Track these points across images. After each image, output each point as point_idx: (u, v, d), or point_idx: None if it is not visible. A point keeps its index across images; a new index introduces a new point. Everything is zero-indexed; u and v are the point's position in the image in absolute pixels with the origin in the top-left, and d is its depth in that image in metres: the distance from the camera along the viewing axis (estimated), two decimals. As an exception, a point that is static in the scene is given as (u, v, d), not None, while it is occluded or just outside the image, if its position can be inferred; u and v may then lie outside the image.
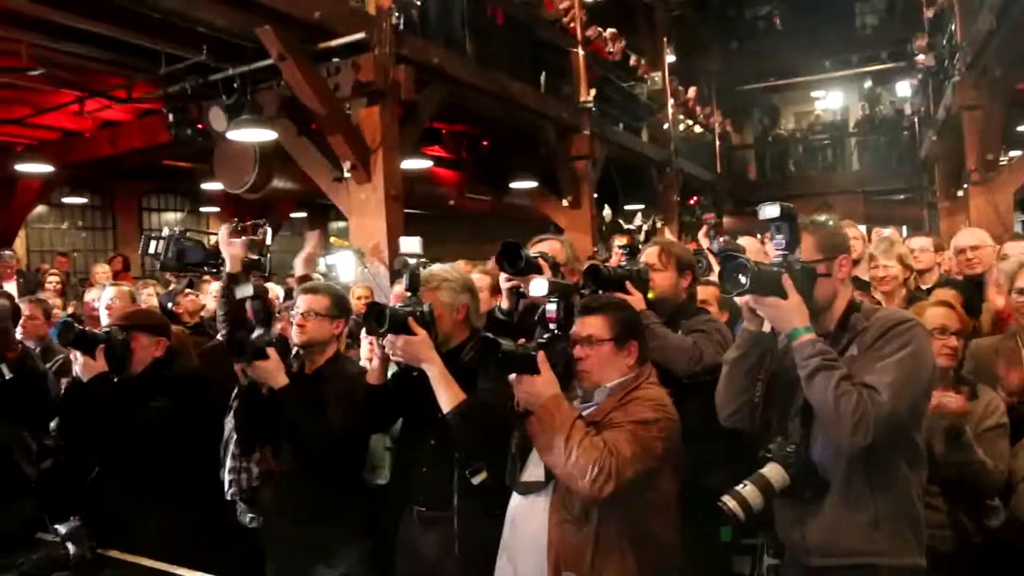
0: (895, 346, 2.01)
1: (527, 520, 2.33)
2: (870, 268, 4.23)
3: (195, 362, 3.59)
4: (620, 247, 3.47)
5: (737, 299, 2.12)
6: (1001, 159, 9.78)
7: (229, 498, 3.10)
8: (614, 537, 2.18)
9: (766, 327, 2.16)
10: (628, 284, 2.75)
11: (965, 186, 10.24)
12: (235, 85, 6.43)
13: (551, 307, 2.30)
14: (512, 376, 2.20)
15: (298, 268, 4.50)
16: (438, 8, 7.78)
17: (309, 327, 2.91)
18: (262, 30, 5.75)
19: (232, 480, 3.11)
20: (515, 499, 2.41)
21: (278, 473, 3.03)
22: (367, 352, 3.69)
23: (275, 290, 4.67)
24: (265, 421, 2.91)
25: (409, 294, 2.58)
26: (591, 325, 2.32)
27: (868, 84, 21.29)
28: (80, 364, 2.94)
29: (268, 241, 3.68)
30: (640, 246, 3.12)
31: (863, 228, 8.85)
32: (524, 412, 2.21)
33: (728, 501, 2.05)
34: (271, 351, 2.83)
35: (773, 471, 2.09)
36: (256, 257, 3.76)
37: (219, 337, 3.67)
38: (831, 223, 2.23)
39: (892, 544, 2.07)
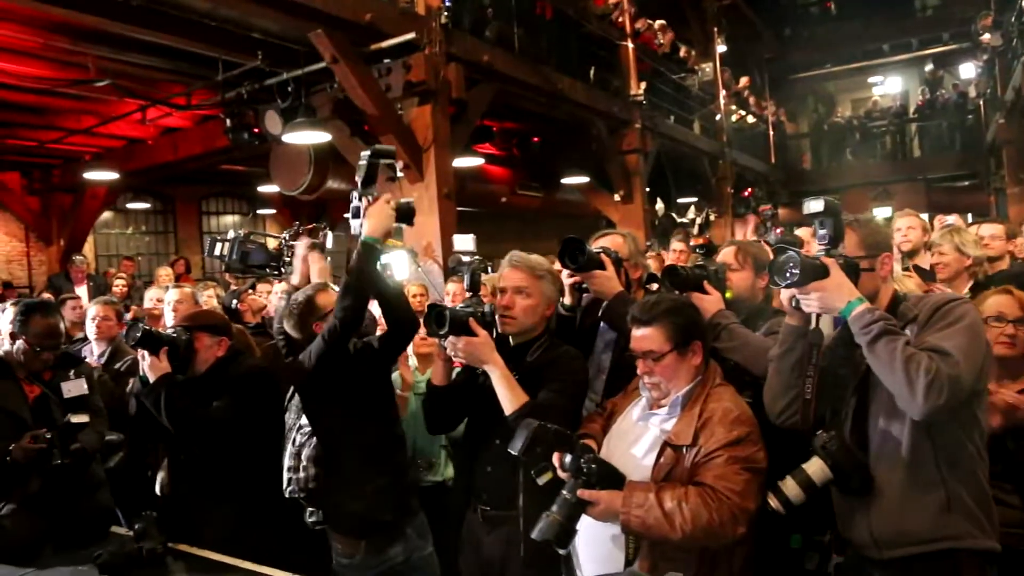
0: (951, 319, 2.00)
1: (599, 526, 2.29)
2: (931, 256, 4.14)
3: (258, 359, 3.66)
4: (695, 247, 3.43)
5: (782, 293, 2.10)
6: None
7: (287, 496, 3.16)
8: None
9: (811, 323, 2.13)
10: (706, 284, 2.72)
11: (1036, 170, 9.83)
12: (289, 89, 6.58)
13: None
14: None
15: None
16: (488, 6, 7.80)
17: None
18: (315, 34, 5.86)
19: (290, 479, 3.17)
20: None
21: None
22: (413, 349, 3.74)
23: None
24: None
25: (470, 294, 2.57)
26: (648, 340, 2.25)
27: (929, 67, 20.52)
28: (147, 364, 3.04)
29: (329, 244, 3.73)
30: (716, 246, 3.05)
31: (925, 216, 8.59)
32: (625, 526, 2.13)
33: (768, 497, 2.08)
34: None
35: (813, 465, 2.10)
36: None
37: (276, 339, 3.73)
38: (875, 221, 2.26)
39: (968, 526, 2.02)
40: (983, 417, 2.14)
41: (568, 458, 2.12)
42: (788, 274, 2.01)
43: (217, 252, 3.86)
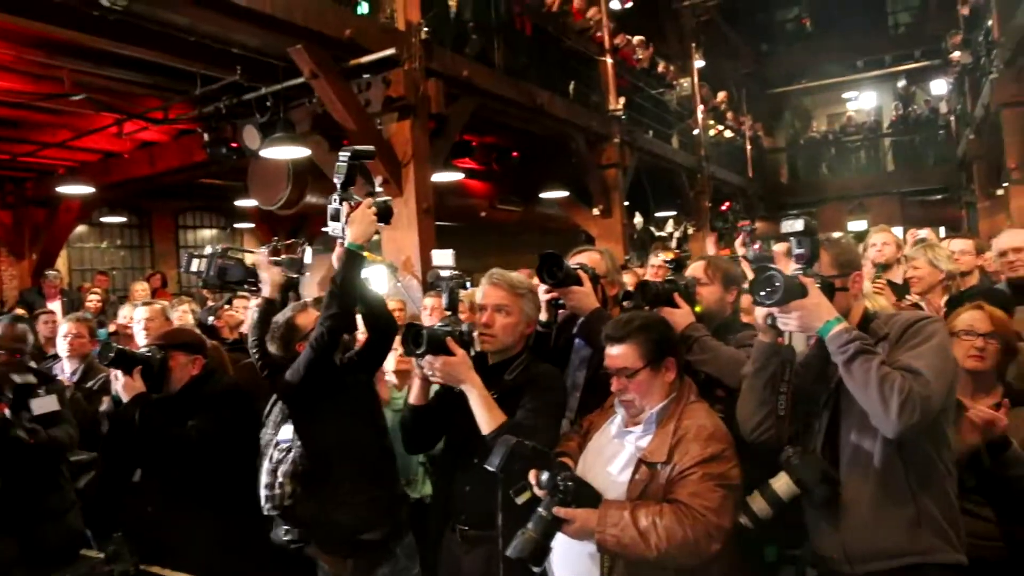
0: (922, 337, 2.06)
1: (575, 542, 2.29)
2: (906, 270, 4.21)
3: (233, 377, 3.63)
4: (666, 261, 3.46)
5: (759, 311, 2.14)
6: (1043, 157, 9.55)
7: (265, 513, 3.13)
8: None
9: (784, 340, 2.18)
10: (676, 297, 2.75)
11: (1005, 185, 10.02)
12: (268, 103, 6.56)
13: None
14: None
15: (314, 290, 4.54)
16: (468, 21, 7.84)
17: None
18: (294, 49, 5.85)
19: (267, 496, 3.14)
20: None
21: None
22: (392, 366, 3.72)
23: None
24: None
25: (448, 312, 2.56)
26: (622, 357, 2.26)
27: (902, 83, 20.93)
28: (120, 384, 3.00)
29: (307, 260, 3.70)
30: (687, 260, 3.09)
31: (899, 230, 8.75)
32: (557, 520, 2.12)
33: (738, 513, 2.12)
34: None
35: (780, 480, 2.15)
36: (295, 276, 3.78)
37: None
38: (845, 240, 2.32)
39: (937, 541, 2.06)
40: (951, 433, 2.19)
41: (544, 475, 2.12)
42: (769, 292, 2.04)
43: (194, 268, 3.83)
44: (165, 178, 9.83)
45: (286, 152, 6.74)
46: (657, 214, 13.26)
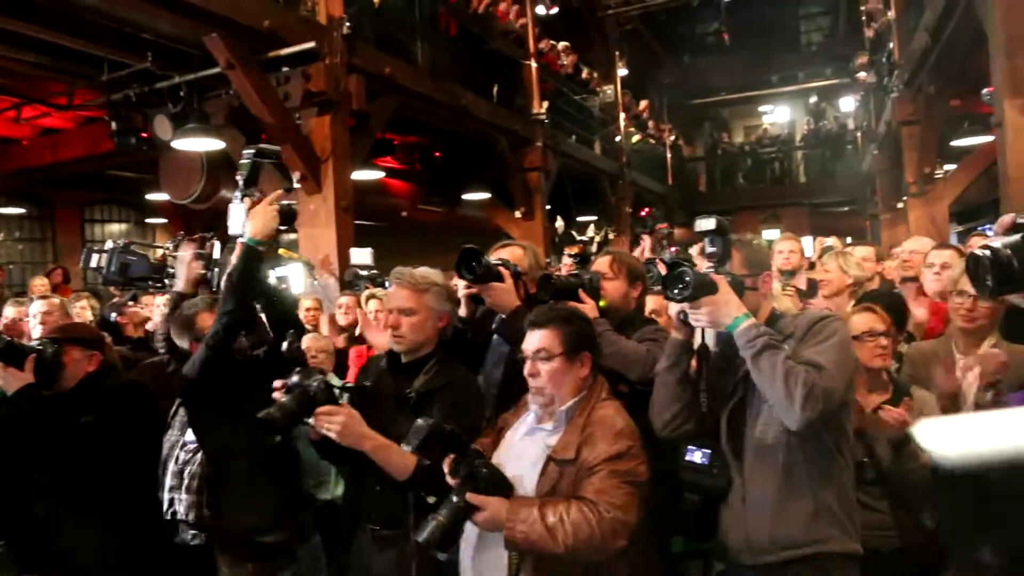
0: (825, 335, 2.14)
1: (484, 537, 2.28)
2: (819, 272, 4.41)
3: (132, 374, 3.47)
4: (571, 256, 3.49)
5: (671, 307, 2.17)
6: (937, 172, 10.14)
7: (169, 518, 3.00)
8: None
9: (697, 337, 2.23)
10: (581, 292, 2.75)
11: (905, 198, 10.57)
12: (181, 93, 6.33)
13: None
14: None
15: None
16: (391, 19, 7.76)
17: None
18: (209, 38, 5.67)
19: (172, 499, 3.01)
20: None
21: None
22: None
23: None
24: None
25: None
26: (542, 339, 2.25)
27: (813, 99, 21.89)
28: (4, 377, 2.80)
29: (216, 255, 3.57)
30: (592, 256, 3.11)
31: (809, 240, 9.12)
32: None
33: None
34: None
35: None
36: (204, 272, 3.65)
37: (160, 353, 3.55)
38: (756, 242, 2.40)
39: (835, 531, 2.15)
40: (849, 427, 2.28)
41: (459, 462, 2.10)
42: (681, 288, 2.08)
43: (94, 264, 3.65)
44: (69, 168, 9.37)
45: (200, 144, 6.52)
46: (579, 218, 13.42)
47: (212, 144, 6.57)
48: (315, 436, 2.35)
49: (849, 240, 8.42)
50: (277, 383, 2.28)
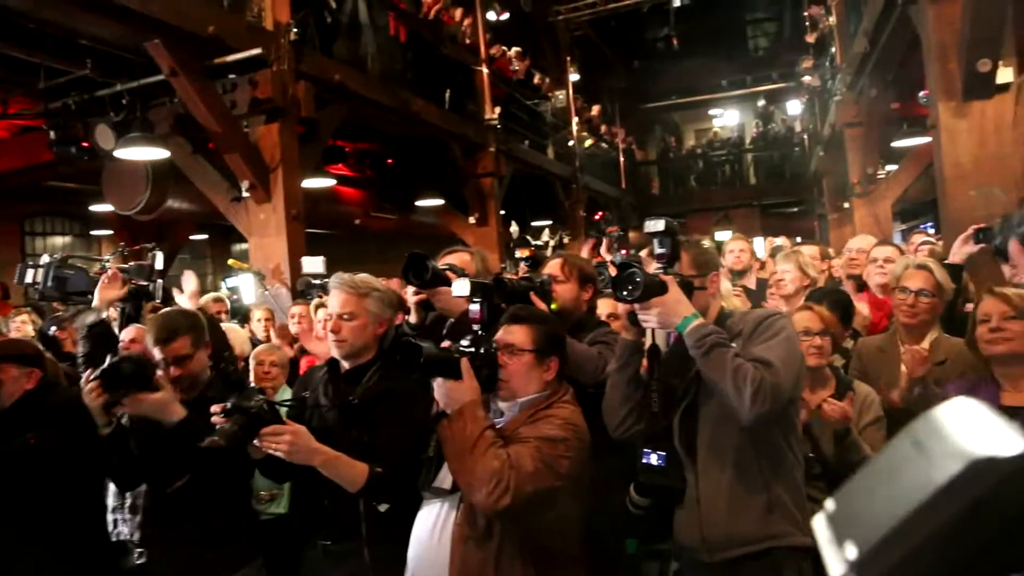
0: (772, 331, 2.18)
1: (432, 537, 2.27)
2: (771, 275, 4.47)
3: (76, 391, 3.36)
4: (523, 259, 3.49)
5: (621, 308, 2.19)
6: (880, 173, 10.42)
7: (114, 538, 2.90)
8: (515, 555, 2.15)
9: (648, 338, 2.24)
10: (532, 296, 2.75)
11: (850, 198, 10.84)
12: (124, 101, 6.17)
13: (474, 307, 2.25)
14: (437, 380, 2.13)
15: (186, 302, 4.34)
16: (340, 25, 7.70)
17: None
18: (152, 44, 5.54)
19: (115, 519, 2.92)
20: (421, 516, 2.34)
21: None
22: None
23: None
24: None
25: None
26: (515, 334, 2.27)
27: (761, 103, 22.35)
28: None
29: (158, 266, 3.48)
30: (542, 258, 3.12)
31: (760, 240, 9.29)
32: (439, 416, 2.15)
33: None
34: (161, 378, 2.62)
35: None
36: (145, 283, 3.56)
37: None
38: (704, 242, 2.43)
39: (788, 526, 2.18)
40: (798, 422, 2.33)
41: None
42: (631, 289, 2.09)
43: (29, 279, 3.53)
44: (7, 179, 9.04)
45: (143, 153, 6.36)
46: (533, 223, 13.46)
47: (157, 153, 6.41)
48: (257, 455, 2.30)
49: (799, 240, 8.61)
50: (215, 408, 2.22)
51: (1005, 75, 5.08)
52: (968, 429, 0.44)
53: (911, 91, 9.11)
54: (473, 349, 2.17)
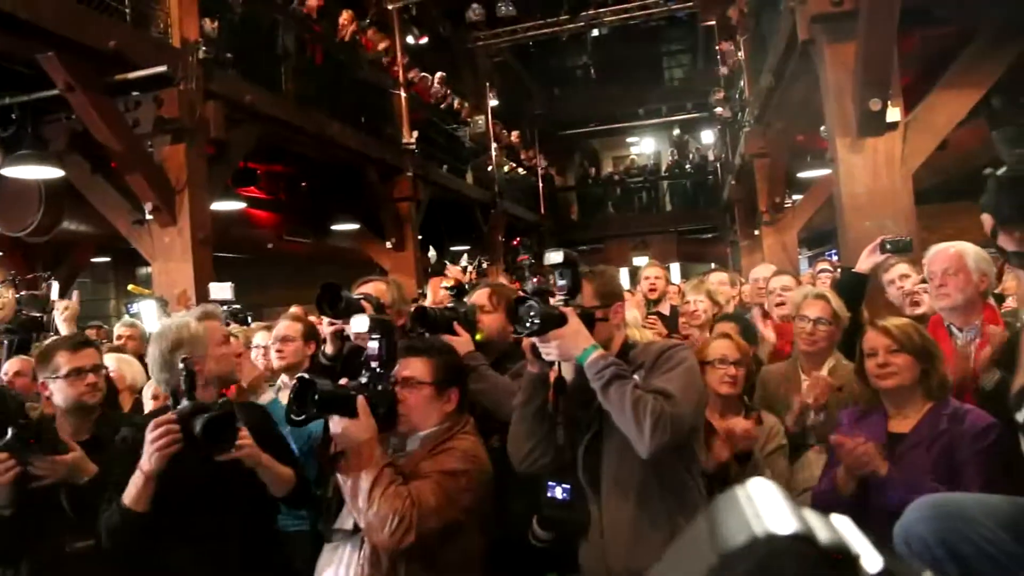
0: (673, 363, 2.18)
1: None
2: (682, 304, 4.55)
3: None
4: (447, 288, 3.44)
5: (524, 342, 2.18)
6: (787, 202, 10.85)
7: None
8: None
9: (555, 370, 2.22)
10: (456, 325, 2.71)
11: (760, 226, 11.25)
12: (13, 116, 5.84)
13: (372, 344, 2.19)
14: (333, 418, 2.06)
15: (62, 327, 4.09)
16: (253, 45, 7.53)
17: None
18: (45, 57, 5.26)
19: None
20: (323, 560, 2.25)
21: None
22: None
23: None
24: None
25: None
26: (413, 367, 2.24)
27: (676, 132, 23.03)
28: None
29: (54, 296, 3.27)
30: (467, 287, 3.08)
31: (676, 266, 9.52)
32: (336, 456, 2.07)
33: None
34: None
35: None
36: (38, 315, 3.34)
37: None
38: (608, 272, 2.41)
39: None
40: (699, 451, 2.33)
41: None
42: (529, 323, 2.06)
43: None
44: None
45: (34, 172, 6.03)
46: (451, 248, 13.42)
47: (50, 172, 6.09)
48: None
49: (713, 266, 8.87)
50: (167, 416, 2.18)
51: (893, 114, 5.36)
52: (756, 508, 0.50)
53: (813, 124, 9.53)
54: (370, 386, 2.11)
